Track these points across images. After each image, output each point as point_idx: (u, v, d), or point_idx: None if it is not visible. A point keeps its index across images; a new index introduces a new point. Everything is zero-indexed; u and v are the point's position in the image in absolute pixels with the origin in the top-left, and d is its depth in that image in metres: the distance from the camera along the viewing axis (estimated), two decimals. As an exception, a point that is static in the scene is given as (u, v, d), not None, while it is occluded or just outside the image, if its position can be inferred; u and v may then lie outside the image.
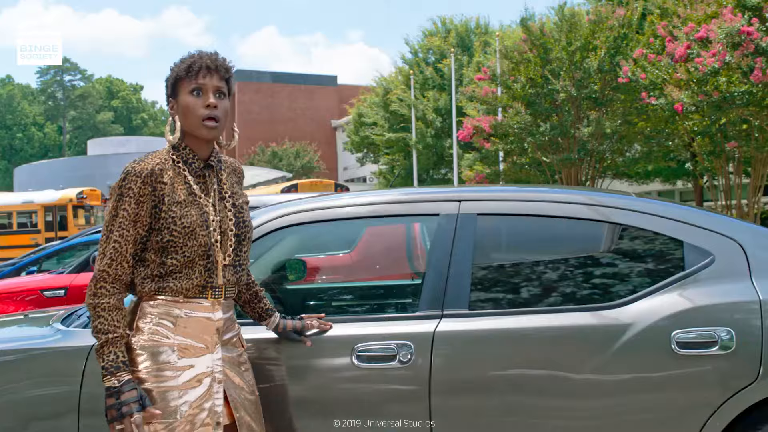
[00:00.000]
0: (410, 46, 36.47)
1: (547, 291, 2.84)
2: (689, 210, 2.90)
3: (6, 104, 79.05)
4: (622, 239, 2.88)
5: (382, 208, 3.03)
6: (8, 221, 24.95)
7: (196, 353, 2.34)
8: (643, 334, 2.60)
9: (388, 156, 35.95)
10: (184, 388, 2.30)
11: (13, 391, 2.84)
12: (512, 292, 2.84)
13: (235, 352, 2.46)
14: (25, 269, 8.67)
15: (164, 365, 2.31)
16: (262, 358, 2.74)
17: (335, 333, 2.74)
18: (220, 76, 2.41)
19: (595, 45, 16.83)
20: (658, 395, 2.58)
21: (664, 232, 2.79)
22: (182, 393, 2.30)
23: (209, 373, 2.35)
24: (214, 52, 2.46)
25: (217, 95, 2.40)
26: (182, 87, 2.40)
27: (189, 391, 2.30)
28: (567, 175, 18.03)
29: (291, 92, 59.47)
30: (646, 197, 3.08)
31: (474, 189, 3.11)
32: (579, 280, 2.87)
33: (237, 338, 2.51)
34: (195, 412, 2.30)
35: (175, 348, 2.33)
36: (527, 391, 2.63)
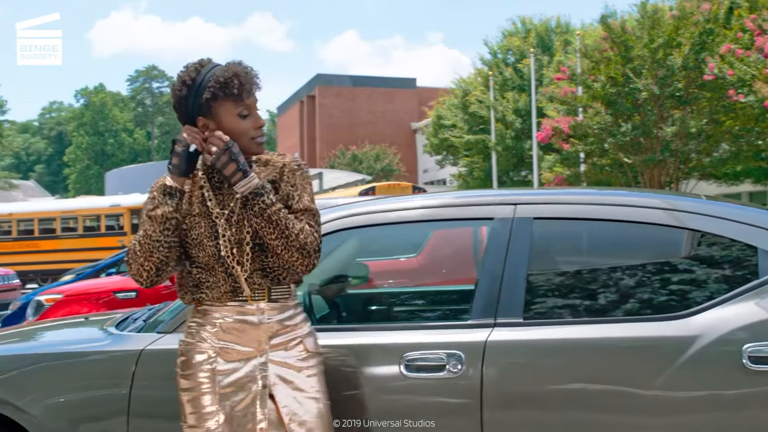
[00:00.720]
0: (489, 47, 36.13)
1: (608, 300, 2.68)
2: (764, 213, 2.69)
3: (98, 111, 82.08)
4: (690, 245, 2.69)
5: (435, 212, 2.93)
6: (97, 224, 25.85)
7: (239, 357, 2.32)
8: (711, 346, 2.41)
9: (468, 158, 35.67)
10: (225, 391, 2.29)
11: (64, 393, 2.87)
12: (570, 300, 2.69)
13: (293, 356, 2.37)
14: (104, 271, 8.90)
15: (203, 369, 2.31)
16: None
17: (383, 341, 2.65)
18: (257, 89, 2.37)
19: (679, 41, 16.24)
20: (730, 414, 2.39)
21: (737, 237, 2.59)
22: (222, 397, 2.28)
23: (253, 377, 2.31)
24: (239, 63, 2.36)
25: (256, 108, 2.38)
26: (223, 108, 2.30)
27: (230, 395, 2.29)
28: (650, 176, 17.46)
29: (371, 95, 59.67)
30: (719, 200, 2.88)
31: (531, 192, 2.97)
32: (642, 288, 2.70)
33: (298, 342, 2.39)
34: (236, 416, 2.28)
35: (217, 352, 2.31)
36: (585, 406, 2.48)
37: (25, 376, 2.98)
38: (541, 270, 2.75)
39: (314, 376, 2.39)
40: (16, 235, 26.33)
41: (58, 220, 26.06)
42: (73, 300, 6.86)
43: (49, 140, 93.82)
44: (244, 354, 2.32)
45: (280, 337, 2.36)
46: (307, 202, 2.35)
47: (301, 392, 2.34)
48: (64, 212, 26.36)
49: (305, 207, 2.35)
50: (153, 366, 2.81)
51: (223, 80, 2.28)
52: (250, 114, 2.33)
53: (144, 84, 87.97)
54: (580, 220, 2.75)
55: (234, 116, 2.31)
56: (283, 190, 2.37)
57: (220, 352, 2.32)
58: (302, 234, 2.27)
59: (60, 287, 7.87)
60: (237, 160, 2.26)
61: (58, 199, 40.61)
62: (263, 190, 2.27)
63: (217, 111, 2.30)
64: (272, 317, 2.36)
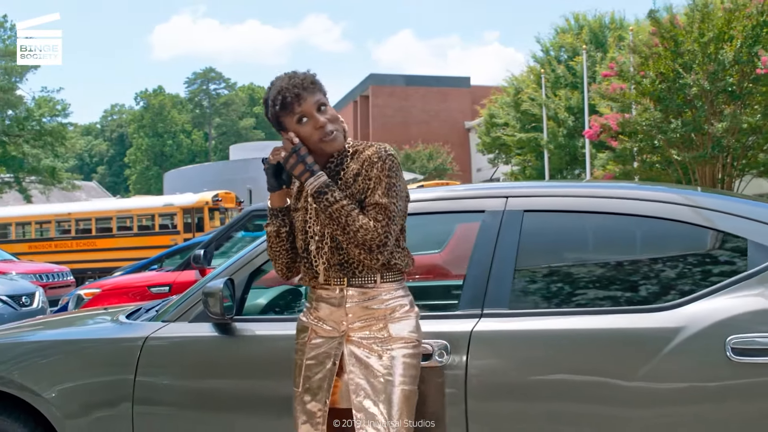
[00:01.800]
0: (542, 45, 35.79)
1: (594, 291, 2.70)
2: (755, 205, 2.67)
3: (157, 113, 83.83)
4: (677, 236, 2.69)
5: (428, 205, 2.98)
6: (151, 223, 26.49)
7: (324, 334, 2.49)
8: (696, 338, 2.41)
9: (520, 157, 35.40)
10: (308, 363, 2.50)
11: (75, 379, 3.00)
12: (557, 291, 2.71)
13: (372, 339, 2.42)
14: (148, 267, 9.17)
15: (300, 341, 2.56)
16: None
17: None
18: (310, 92, 2.44)
19: (731, 35, 15.85)
20: (714, 406, 2.39)
21: (725, 229, 2.58)
22: (306, 368, 2.50)
23: (329, 354, 2.47)
24: (293, 74, 2.48)
25: (319, 110, 2.45)
26: (287, 121, 2.46)
27: (312, 367, 2.49)
28: (702, 173, 17.08)
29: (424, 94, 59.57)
30: (711, 191, 2.86)
31: (522, 185, 2.99)
32: (629, 280, 2.70)
33: (383, 326, 2.42)
34: (313, 387, 2.47)
35: (310, 328, 2.52)
36: (570, 397, 2.50)
37: (41, 363, 3.13)
38: (530, 261, 2.77)
39: (393, 359, 2.39)
40: (75, 234, 27.17)
41: (114, 220, 26.80)
42: (110, 294, 7.10)
43: (111, 142, 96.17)
44: (327, 332, 2.48)
45: (362, 321, 2.44)
46: (377, 197, 2.40)
47: (374, 373, 2.39)
48: (119, 212, 27.10)
49: (374, 202, 2.40)
50: (156, 353, 2.93)
51: (272, 100, 2.45)
52: (308, 118, 2.44)
53: (201, 86, 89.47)
54: (569, 213, 2.76)
55: (295, 125, 2.45)
56: (360, 185, 2.45)
57: (314, 329, 2.51)
58: (361, 231, 2.36)
59: (99, 282, 8.15)
60: (304, 162, 2.42)
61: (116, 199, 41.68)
62: (327, 188, 2.39)
63: (285, 124, 2.47)
64: (353, 302, 2.44)
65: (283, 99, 2.42)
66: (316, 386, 2.47)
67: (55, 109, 35.69)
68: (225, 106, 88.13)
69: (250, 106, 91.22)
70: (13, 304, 10.05)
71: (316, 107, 2.44)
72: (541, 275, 2.80)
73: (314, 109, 2.44)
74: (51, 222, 27.59)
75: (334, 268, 2.46)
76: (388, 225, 2.39)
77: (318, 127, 2.43)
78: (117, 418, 2.93)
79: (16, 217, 28.46)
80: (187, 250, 9.01)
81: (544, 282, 2.78)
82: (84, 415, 2.97)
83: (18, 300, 10.23)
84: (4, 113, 34.23)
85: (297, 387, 2.53)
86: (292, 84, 2.43)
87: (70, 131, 37.50)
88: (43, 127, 33.91)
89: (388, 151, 2.46)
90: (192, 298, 3.01)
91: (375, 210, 2.39)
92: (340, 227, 2.38)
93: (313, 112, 2.44)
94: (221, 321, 2.86)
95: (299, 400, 2.51)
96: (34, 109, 34.60)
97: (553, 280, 2.78)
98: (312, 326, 2.52)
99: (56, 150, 35.23)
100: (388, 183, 2.42)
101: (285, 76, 2.48)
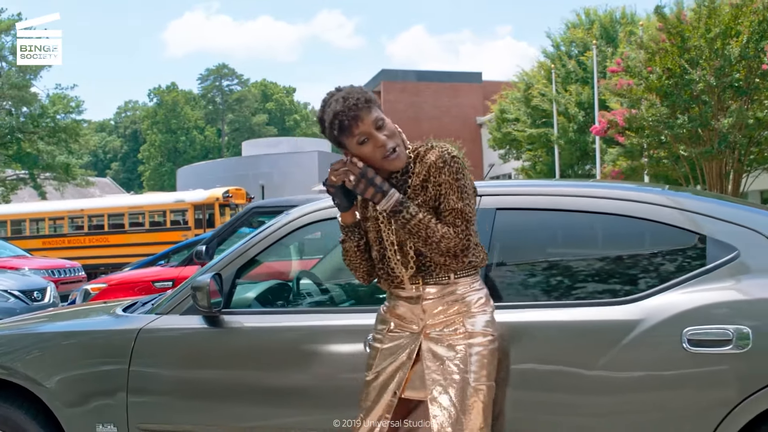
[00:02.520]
0: (552, 40, 35.77)
1: (561, 286, 2.83)
2: (715, 202, 2.80)
3: (170, 110, 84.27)
4: (641, 233, 2.82)
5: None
6: (163, 219, 26.79)
7: (402, 329, 2.56)
8: (654, 329, 2.54)
9: (530, 152, 35.42)
10: (383, 353, 2.57)
11: (74, 368, 3.17)
12: (526, 286, 2.85)
13: (449, 334, 2.49)
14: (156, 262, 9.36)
15: (377, 332, 2.64)
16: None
17: (348, 323, 2.87)
18: (366, 112, 2.41)
19: (738, 30, 15.85)
20: (670, 394, 2.52)
21: (685, 226, 2.71)
22: (379, 356, 2.58)
23: (404, 347, 2.54)
24: (347, 94, 2.43)
25: (378, 128, 2.42)
26: (347, 143, 2.44)
27: (386, 357, 2.56)
28: (708, 168, 17.10)
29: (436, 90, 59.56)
30: (675, 190, 2.99)
31: (495, 183, 3.13)
32: (593, 275, 2.84)
33: (460, 322, 2.49)
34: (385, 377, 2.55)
35: (391, 322, 2.60)
36: (535, 386, 2.63)
37: (42, 354, 3.30)
38: (500, 257, 2.91)
39: (469, 355, 2.45)
40: (87, 230, 27.51)
41: (126, 216, 27.10)
42: (116, 288, 7.30)
43: (125, 138, 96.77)
44: (406, 327, 2.56)
45: (439, 317, 2.51)
46: (453, 203, 2.41)
47: (450, 368, 2.44)
48: (131, 208, 27.41)
49: (450, 208, 2.41)
50: (149, 344, 3.09)
51: (329, 124, 2.43)
52: (369, 138, 2.41)
53: (214, 82, 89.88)
54: (538, 211, 2.90)
55: (356, 146, 2.43)
56: (431, 192, 2.45)
57: (394, 323, 2.58)
58: (444, 240, 2.39)
59: (105, 277, 8.35)
60: (374, 184, 2.42)
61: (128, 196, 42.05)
62: (401, 206, 2.41)
63: (345, 145, 2.46)
64: (430, 299, 2.52)
65: (340, 123, 2.40)
66: (388, 377, 2.53)
67: (69, 106, 36.00)
68: (238, 102, 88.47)
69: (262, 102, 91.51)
70: (25, 299, 10.29)
71: (375, 126, 2.41)
72: (512, 271, 2.93)
73: (373, 128, 2.41)
74: (64, 218, 27.93)
75: (413, 271, 2.52)
76: (467, 228, 2.42)
77: (379, 146, 2.41)
78: (113, 407, 3.09)
79: (29, 214, 28.83)
80: (193, 246, 9.19)
81: (514, 277, 2.92)
82: (82, 404, 3.13)
83: (30, 295, 10.47)
84: (18, 110, 34.57)
85: (368, 372, 2.59)
86: (347, 107, 2.39)
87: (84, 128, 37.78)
88: (57, 123, 34.22)
89: (451, 154, 2.44)
90: (183, 292, 3.16)
91: (452, 216, 2.41)
92: (422, 240, 2.40)
93: (372, 131, 2.41)
94: (209, 314, 3.02)
95: (369, 386, 2.56)
96: (48, 106, 34.94)
97: (522, 275, 2.92)
98: (391, 321, 2.59)
99: (70, 147, 35.53)
100: (459, 186, 2.42)
101: (340, 98, 2.42)
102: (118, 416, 3.08)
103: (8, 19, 32.75)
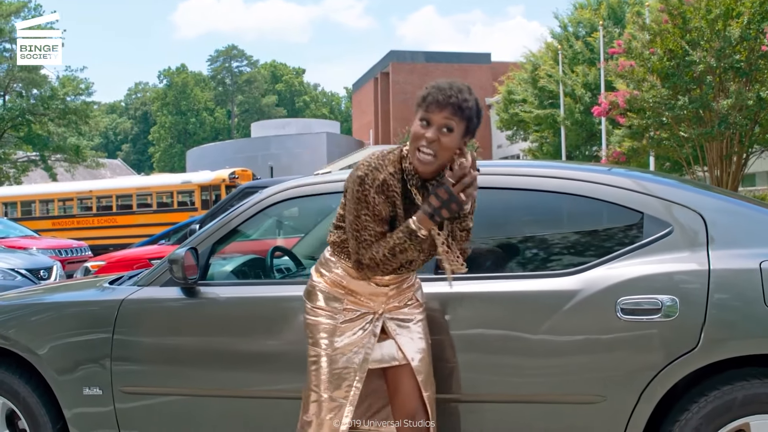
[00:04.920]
0: (560, 20, 35.71)
1: (509, 259, 3.05)
2: (654, 181, 3.00)
3: (180, 91, 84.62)
4: (584, 211, 3.02)
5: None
6: (170, 200, 27.12)
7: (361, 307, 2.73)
8: (592, 299, 2.75)
9: (537, 133, 35.48)
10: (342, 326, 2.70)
11: (66, 337, 3.41)
12: (477, 259, 3.05)
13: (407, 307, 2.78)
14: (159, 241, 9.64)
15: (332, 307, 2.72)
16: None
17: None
18: (451, 111, 2.42)
19: (740, 11, 15.86)
20: (605, 357, 2.73)
21: (625, 203, 2.90)
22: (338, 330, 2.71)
23: (365, 327, 2.72)
24: (455, 86, 2.46)
25: (442, 129, 2.43)
26: (417, 113, 2.47)
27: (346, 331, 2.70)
28: (709, 149, 17.17)
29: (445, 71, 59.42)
30: (623, 169, 3.18)
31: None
32: (539, 249, 3.05)
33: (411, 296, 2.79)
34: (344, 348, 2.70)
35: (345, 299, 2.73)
36: (484, 350, 2.85)
37: (36, 323, 3.54)
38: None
39: (422, 320, 2.79)
40: (96, 210, 27.89)
41: (134, 197, 27.46)
42: (114, 266, 7.57)
43: (135, 120, 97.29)
44: (362, 304, 2.72)
45: (398, 297, 2.76)
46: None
47: (416, 334, 2.76)
48: (139, 189, 27.76)
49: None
50: (131, 313, 3.32)
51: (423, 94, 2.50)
52: (429, 125, 2.45)
53: (224, 64, 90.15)
54: (490, 189, 3.09)
55: (417, 120, 2.49)
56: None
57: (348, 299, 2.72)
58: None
59: (105, 255, 8.63)
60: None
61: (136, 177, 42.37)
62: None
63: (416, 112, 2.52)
64: (395, 289, 2.74)
65: (429, 96, 2.44)
66: (354, 354, 2.68)
67: (79, 88, 36.24)
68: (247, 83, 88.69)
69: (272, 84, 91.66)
70: (31, 278, 10.57)
71: (441, 125, 2.43)
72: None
73: (438, 124, 2.43)
74: (73, 199, 28.32)
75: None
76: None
77: (425, 136, 2.43)
78: (99, 372, 3.32)
79: (39, 195, 29.25)
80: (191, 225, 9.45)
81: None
82: (71, 370, 3.36)
83: (36, 273, 10.76)
84: (29, 92, 34.88)
85: (324, 348, 2.68)
86: (444, 93, 2.42)
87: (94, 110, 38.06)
88: (67, 105, 34.50)
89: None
90: (164, 265, 3.39)
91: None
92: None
93: (435, 124, 2.43)
94: (185, 285, 3.24)
95: (330, 360, 2.67)
96: (58, 88, 35.19)
97: (476, 249, 3.12)
98: (344, 298, 2.71)
99: (80, 128, 35.84)
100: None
101: (451, 86, 2.46)
102: (103, 380, 3.31)
103: (18, 1, 32.99)
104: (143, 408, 3.29)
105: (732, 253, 2.71)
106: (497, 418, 2.87)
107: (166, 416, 3.27)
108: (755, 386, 2.61)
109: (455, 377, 2.87)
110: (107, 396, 3.31)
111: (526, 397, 2.83)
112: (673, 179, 3.23)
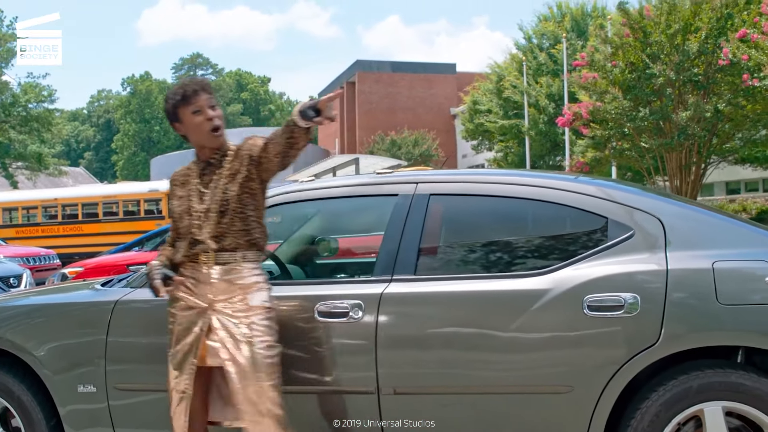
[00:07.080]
0: (524, 32, 36.30)
1: (484, 260, 3.27)
2: (618, 189, 3.25)
3: (144, 99, 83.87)
4: (553, 216, 3.26)
5: (353, 190, 3.53)
6: (137, 208, 26.97)
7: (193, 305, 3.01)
8: (560, 297, 2.97)
9: (502, 143, 35.97)
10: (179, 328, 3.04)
11: (62, 338, 3.54)
12: (454, 261, 3.27)
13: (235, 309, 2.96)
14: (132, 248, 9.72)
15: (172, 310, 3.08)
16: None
17: (302, 293, 3.27)
18: (208, 93, 3.03)
19: (698, 26, 16.42)
20: (573, 352, 2.95)
21: (591, 209, 3.14)
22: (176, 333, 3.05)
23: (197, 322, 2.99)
24: (194, 76, 3.11)
25: (211, 108, 3.02)
26: (183, 112, 3.02)
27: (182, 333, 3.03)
28: (669, 159, 17.70)
29: (410, 81, 59.91)
30: (588, 177, 3.43)
31: (431, 173, 3.55)
32: (511, 252, 3.28)
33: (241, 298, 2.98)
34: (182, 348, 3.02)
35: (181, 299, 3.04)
36: (458, 346, 3.06)
37: (31, 325, 3.67)
38: (432, 236, 3.34)
39: (253, 324, 2.93)
40: (62, 219, 27.63)
41: (100, 205, 27.25)
42: (92, 272, 7.66)
43: (98, 128, 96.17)
44: (195, 303, 3.00)
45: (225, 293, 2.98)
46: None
47: (238, 338, 2.92)
48: (105, 197, 27.56)
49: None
50: (125, 314, 3.47)
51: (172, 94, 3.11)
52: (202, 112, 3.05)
53: (189, 71, 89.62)
54: (466, 196, 3.32)
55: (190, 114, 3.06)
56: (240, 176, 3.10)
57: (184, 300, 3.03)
58: None
59: (82, 262, 8.72)
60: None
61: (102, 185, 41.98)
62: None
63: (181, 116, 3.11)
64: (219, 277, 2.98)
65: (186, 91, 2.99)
66: (187, 349, 2.98)
67: (41, 95, 35.88)
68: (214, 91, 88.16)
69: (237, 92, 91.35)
70: (1, 285, 10.56)
71: (209, 105, 3.02)
72: (443, 248, 3.36)
73: (207, 106, 3.01)
74: (38, 207, 28.03)
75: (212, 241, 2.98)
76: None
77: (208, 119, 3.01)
78: (94, 372, 3.46)
79: (2, 203, 28.87)
80: (165, 233, 9.56)
81: (444, 253, 3.35)
82: (66, 368, 3.49)
83: (6, 281, 10.73)
84: (-11, 99, 34.48)
85: (170, 347, 3.04)
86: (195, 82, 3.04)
87: (56, 117, 37.67)
88: (29, 112, 34.14)
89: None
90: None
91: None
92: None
93: (206, 107, 3.01)
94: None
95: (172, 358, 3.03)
96: (20, 94, 34.82)
97: (451, 252, 3.35)
98: (182, 298, 3.02)
99: (42, 136, 35.48)
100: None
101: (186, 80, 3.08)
102: (97, 378, 3.45)
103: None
104: (137, 404, 3.44)
105: (688, 254, 2.96)
106: (476, 407, 3.06)
107: (159, 412, 3.42)
108: (709, 375, 2.86)
109: (431, 373, 3.07)
110: (101, 393, 3.45)
111: (501, 389, 3.03)
112: (636, 187, 3.48)
